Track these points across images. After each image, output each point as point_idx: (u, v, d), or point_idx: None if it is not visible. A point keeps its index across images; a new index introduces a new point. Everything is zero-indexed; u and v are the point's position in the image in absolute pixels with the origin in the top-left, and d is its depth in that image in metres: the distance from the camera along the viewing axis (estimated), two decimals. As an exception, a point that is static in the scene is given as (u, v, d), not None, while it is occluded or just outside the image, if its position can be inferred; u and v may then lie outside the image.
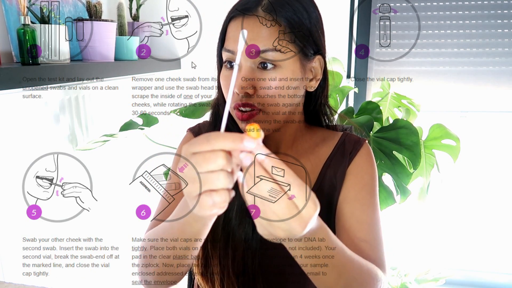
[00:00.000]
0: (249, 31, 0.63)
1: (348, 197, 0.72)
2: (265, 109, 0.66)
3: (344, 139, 0.78)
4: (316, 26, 0.68)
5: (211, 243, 0.73)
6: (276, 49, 0.63)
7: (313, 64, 0.70)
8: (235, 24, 0.66)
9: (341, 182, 0.74)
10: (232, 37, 0.66)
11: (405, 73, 1.73)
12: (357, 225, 0.70)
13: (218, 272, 0.73)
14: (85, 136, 1.36)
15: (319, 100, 0.77)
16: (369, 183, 0.74)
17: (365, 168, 0.75)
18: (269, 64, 0.64)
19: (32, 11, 1.08)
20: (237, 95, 0.65)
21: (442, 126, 1.36)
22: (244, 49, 0.63)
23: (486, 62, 1.67)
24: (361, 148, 0.76)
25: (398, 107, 1.52)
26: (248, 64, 0.65)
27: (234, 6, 0.68)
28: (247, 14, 0.64)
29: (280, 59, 0.64)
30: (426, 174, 1.37)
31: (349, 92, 1.64)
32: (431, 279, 1.67)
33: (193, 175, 0.44)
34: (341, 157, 0.75)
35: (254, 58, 0.64)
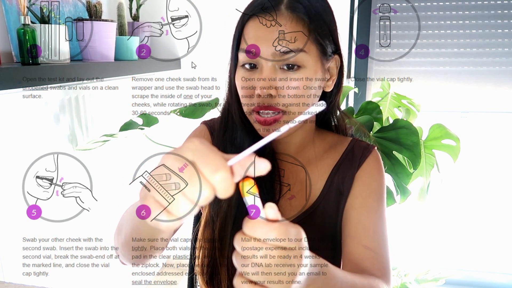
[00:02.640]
0: (272, 31, 0.61)
1: (355, 204, 0.71)
2: (288, 110, 0.64)
3: (353, 145, 0.77)
4: (335, 25, 0.68)
5: (219, 250, 0.72)
6: (300, 50, 0.62)
7: (330, 64, 0.69)
8: (255, 24, 0.63)
9: (349, 188, 0.73)
10: (254, 37, 0.63)
11: (405, 73, 1.73)
12: (363, 232, 0.69)
13: (226, 280, 0.71)
14: (85, 136, 1.36)
15: (333, 101, 0.75)
16: (376, 190, 0.73)
17: (373, 174, 0.74)
18: (293, 65, 0.63)
19: (32, 11, 1.08)
20: (257, 98, 0.64)
21: (442, 126, 1.36)
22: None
23: (486, 62, 1.67)
24: (369, 155, 0.75)
25: (398, 107, 1.52)
26: (269, 65, 0.63)
27: (252, 4, 0.65)
28: (269, 13, 0.62)
29: (304, 59, 0.63)
30: (426, 174, 1.37)
31: (349, 92, 1.64)
32: (431, 279, 1.67)
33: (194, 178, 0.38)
34: (349, 164, 0.74)
35: (278, 59, 0.62)
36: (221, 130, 0.74)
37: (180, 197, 0.37)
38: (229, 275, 0.71)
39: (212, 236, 0.73)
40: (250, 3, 0.66)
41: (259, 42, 0.62)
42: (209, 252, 0.74)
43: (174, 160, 0.38)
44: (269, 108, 0.64)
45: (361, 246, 0.67)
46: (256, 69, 0.65)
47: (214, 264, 0.73)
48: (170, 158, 0.38)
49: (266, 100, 0.63)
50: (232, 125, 0.72)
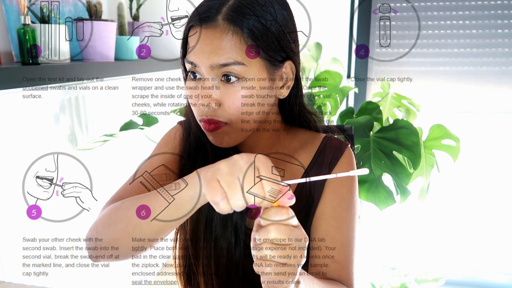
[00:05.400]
0: (209, 43, 0.59)
1: (325, 214, 0.70)
2: (231, 122, 0.63)
3: (325, 144, 0.74)
4: (284, 30, 0.63)
5: (193, 254, 0.72)
6: (239, 62, 0.59)
7: (283, 70, 0.65)
8: (196, 34, 0.61)
9: (319, 194, 0.71)
10: (193, 48, 0.61)
11: (405, 73, 1.73)
12: (331, 244, 0.68)
13: (202, 282, 0.72)
14: (85, 136, 1.36)
15: (295, 108, 0.72)
16: (346, 197, 0.71)
17: (343, 179, 0.71)
18: (232, 77, 0.60)
19: (32, 11, 1.09)
20: (201, 108, 0.62)
21: (442, 126, 1.36)
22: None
23: (486, 62, 1.67)
24: (341, 157, 0.73)
25: (398, 107, 1.52)
26: (210, 77, 0.61)
27: (194, 12, 0.63)
28: (206, 23, 0.60)
29: (243, 71, 0.60)
30: (426, 174, 1.37)
31: (349, 92, 1.64)
32: (431, 279, 1.67)
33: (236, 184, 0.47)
34: (320, 167, 0.73)
35: (216, 72, 0.60)
36: (185, 133, 0.74)
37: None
38: (205, 278, 0.71)
39: (185, 242, 0.73)
40: (193, 10, 0.64)
41: (197, 53, 0.61)
42: (184, 259, 0.75)
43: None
44: (211, 120, 0.63)
45: (327, 258, 0.68)
46: (198, 79, 0.64)
47: (190, 270, 0.74)
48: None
49: (209, 112, 0.62)
50: (193, 129, 0.72)
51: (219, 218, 0.69)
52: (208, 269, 0.71)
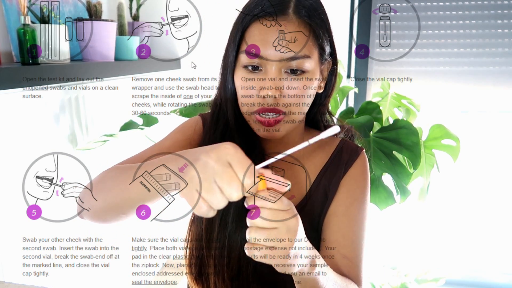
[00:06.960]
0: (273, 31, 0.61)
1: (338, 211, 0.72)
2: (289, 111, 0.65)
3: (341, 146, 0.77)
4: (331, 29, 0.69)
5: (206, 246, 0.72)
6: (306, 56, 0.63)
7: (326, 66, 0.70)
8: (261, 26, 0.63)
9: (334, 193, 0.73)
10: (260, 40, 0.62)
11: (405, 73, 1.73)
12: (342, 241, 0.70)
13: (212, 273, 0.72)
14: (85, 136, 1.36)
15: (324, 101, 0.76)
16: (359, 198, 0.73)
17: (358, 181, 0.74)
18: (298, 70, 0.64)
19: (32, 11, 1.09)
20: (259, 99, 0.64)
21: (442, 126, 1.36)
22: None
23: (486, 62, 1.67)
24: (357, 159, 0.75)
25: (398, 107, 1.52)
26: (274, 68, 0.63)
27: (258, 6, 0.64)
28: (278, 16, 0.62)
29: (306, 64, 0.63)
30: (426, 174, 1.37)
31: (349, 92, 1.64)
32: (431, 279, 1.67)
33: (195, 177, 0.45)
34: (336, 167, 0.75)
35: (284, 64, 0.63)
36: (212, 127, 0.74)
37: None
38: (216, 270, 0.72)
39: (199, 233, 0.73)
40: (252, 5, 0.65)
41: (261, 43, 0.62)
42: (196, 250, 0.75)
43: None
44: (272, 110, 0.64)
45: (338, 254, 0.69)
46: (258, 71, 0.65)
47: (201, 261, 0.74)
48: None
49: (270, 102, 0.64)
50: (224, 123, 0.73)
51: (233, 214, 0.70)
52: (220, 261, 0.71)
